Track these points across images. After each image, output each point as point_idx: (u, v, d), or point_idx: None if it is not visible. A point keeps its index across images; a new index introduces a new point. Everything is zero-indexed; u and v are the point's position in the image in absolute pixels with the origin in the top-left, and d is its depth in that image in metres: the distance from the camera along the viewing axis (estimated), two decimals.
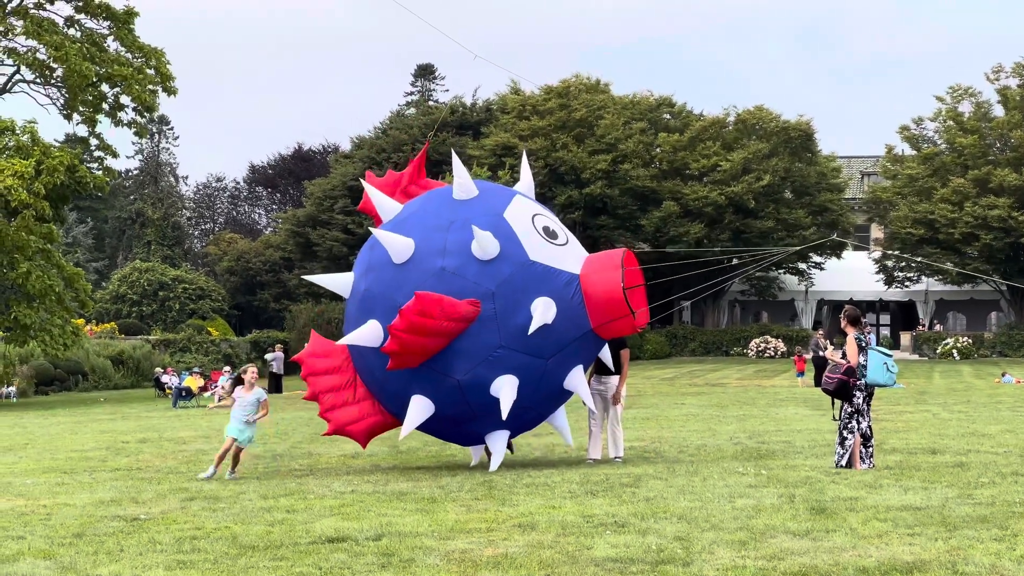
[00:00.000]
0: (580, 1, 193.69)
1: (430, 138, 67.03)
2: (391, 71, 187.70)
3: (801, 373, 45.71)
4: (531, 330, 16.19)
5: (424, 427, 17.72)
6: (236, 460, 18.22)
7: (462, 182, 17.39)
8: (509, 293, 16.35)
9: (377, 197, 18.17)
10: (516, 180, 18.78)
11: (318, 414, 18.26)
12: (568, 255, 17.14)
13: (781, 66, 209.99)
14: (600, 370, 18.58)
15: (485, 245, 16.34)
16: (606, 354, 18.32)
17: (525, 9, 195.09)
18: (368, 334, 16.85)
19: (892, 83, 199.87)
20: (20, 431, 31.10)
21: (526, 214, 17.28)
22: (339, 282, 18.43)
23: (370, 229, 17.75)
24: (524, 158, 20.17)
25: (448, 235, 16.72)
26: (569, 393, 17.54)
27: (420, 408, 16.95)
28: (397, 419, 17.76)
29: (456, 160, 18.30)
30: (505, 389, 16.48)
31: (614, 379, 18.56)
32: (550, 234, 17.18)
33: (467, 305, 16.15)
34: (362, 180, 19.15)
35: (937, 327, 73.76)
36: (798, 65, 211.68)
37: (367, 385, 17.82)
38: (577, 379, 17.28)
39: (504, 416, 16.53)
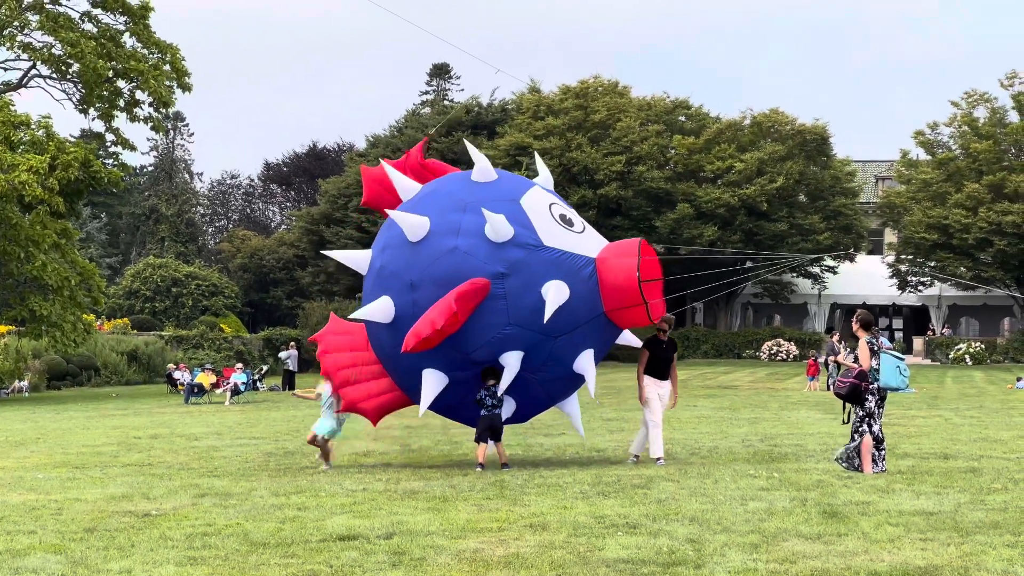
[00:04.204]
0: (597, 3, 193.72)
1: (430, 134, 67.20)
2: (407, 70, 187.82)
3: (813, 377, 45.61)
4: (546, 317, 16.33)
5: (441, 409, 18.17)
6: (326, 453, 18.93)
7: (482, 166, 17.74)
8: (520, 275, 16.58)
9: (397, 177, 18.44)
10: (533, 177, 19.17)
11: (330, 391, 18.56)
12: (584, 241, 17.38)
13: (797, 70, 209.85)
14: (657, 374, 18.67)
15: (498, 228, 16.55)
16: (629, 337, 18.65)
17: (542, 11, 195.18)
18: (379, 310, 17.20)
19: (907, 88, 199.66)
20: (32, 426, 31.17)
21: (543, 202, 17.53)
22: (357, 258, 18.81)
23: (387, 212, 17.95)
24: (537, 156, 20.69)
25: (464, 216, 17.01)
26: (581, 380, 17.64)
27: (433, 381, 17.26)
28: (410, 396, 18.08)
29: (471, 146, 18.68)
30: (510, 364, 16.80)
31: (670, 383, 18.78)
32: (566, 221, 17.44)
33: (477, 289, 16.35)
34: (382, 161, 19.39)
35: (946, 331, 73.64)
36: (814, 69, 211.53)
37: (380, 361, 18.14)
38: (586, 363, 17.38)
39: (502, 390, 17.03)
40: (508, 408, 17.83)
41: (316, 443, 18.85)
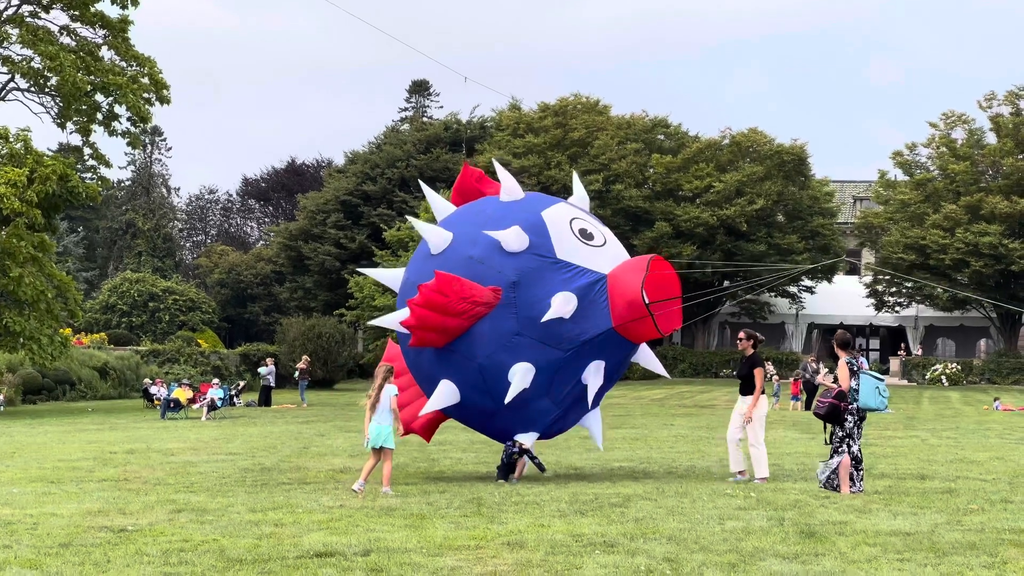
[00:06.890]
0: (575, 21, 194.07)
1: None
2: (386, 87, 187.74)
3: (796, 397, 45.62)
4: (544, 319, 16.79)
5: (459, 417, 18.89)
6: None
7: (508, 186, 18.51)
8: (531, 284, 17.10)
9: (432, 197, 19.63)
10: None
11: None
12: (601, 256, 17.78)
13: (775, 90, 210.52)
14: (744, 391, 18.94)
15: (510, 241, 17.14)
16: (651, 358, 19.18)
17: (521, 29, 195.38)
18: (396, 317, 17.93)
19: (886, 108, 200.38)
20: (7, 440, 31.00)
21: (565, 216, 18.08)
22: (389, 276, 19.82)
23: (408, 218, 19.76)
24: (575, 176, 21.14)
25: (483, 228, 17.63)
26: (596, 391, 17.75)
27: (445, 393, 17.68)
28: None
29: (499, 167, 19.49)
30: (518, 375, 17.02)
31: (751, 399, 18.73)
32: (586, 236, 17.89)
33: (485, 290, 16.90)
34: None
35: (918, 351, 73.78)
36: (792, 89, 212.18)
37: (410, 371, 18.71)
38: (592, 372, 17.59)
39: (508, 399, 17.08)
40: (530, 438, 18.40)
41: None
